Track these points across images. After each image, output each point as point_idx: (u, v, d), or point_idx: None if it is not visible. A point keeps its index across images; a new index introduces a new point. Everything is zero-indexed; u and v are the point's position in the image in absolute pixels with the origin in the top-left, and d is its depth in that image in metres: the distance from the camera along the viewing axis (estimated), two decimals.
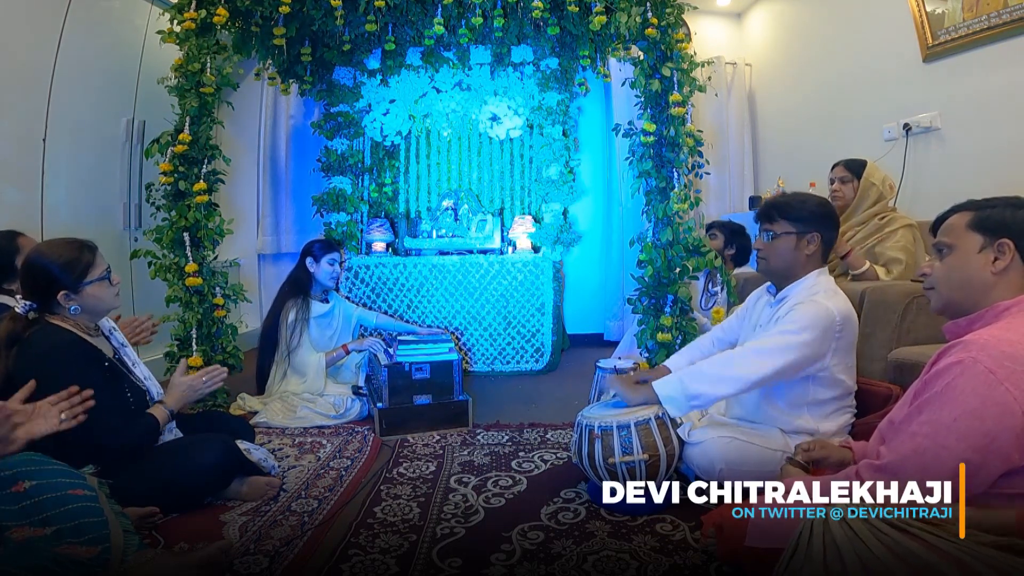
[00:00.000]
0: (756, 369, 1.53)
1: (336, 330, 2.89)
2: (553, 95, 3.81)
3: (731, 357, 1.60)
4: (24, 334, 1.50)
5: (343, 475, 1.94)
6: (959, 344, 1.00)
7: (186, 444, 1.68)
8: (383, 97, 3.82)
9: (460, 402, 2.44)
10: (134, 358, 1.74)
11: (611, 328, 4.12)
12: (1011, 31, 2.44)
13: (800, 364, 1.54)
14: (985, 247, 1.08)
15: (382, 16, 3.02)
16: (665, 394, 1.61)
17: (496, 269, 3.47)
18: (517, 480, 1.86)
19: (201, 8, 2.54)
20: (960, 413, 0.95)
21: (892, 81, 3.06)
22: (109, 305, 1.62)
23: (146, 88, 3.12)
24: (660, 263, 2.59)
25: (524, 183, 3.94)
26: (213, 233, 2.56)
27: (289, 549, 1.44)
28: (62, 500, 1.15)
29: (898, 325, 2.08)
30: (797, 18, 3.95)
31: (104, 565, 1.12)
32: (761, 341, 1.58)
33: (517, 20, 3.16)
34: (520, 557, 1.40)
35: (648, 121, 2.65)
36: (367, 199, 3.88)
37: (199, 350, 2.51)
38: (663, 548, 1.41)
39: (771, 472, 1.47)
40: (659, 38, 2.62)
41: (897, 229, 2.35)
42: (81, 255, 1.55)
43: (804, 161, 3.71)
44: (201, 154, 2.55)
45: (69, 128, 2.76)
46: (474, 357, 3.46)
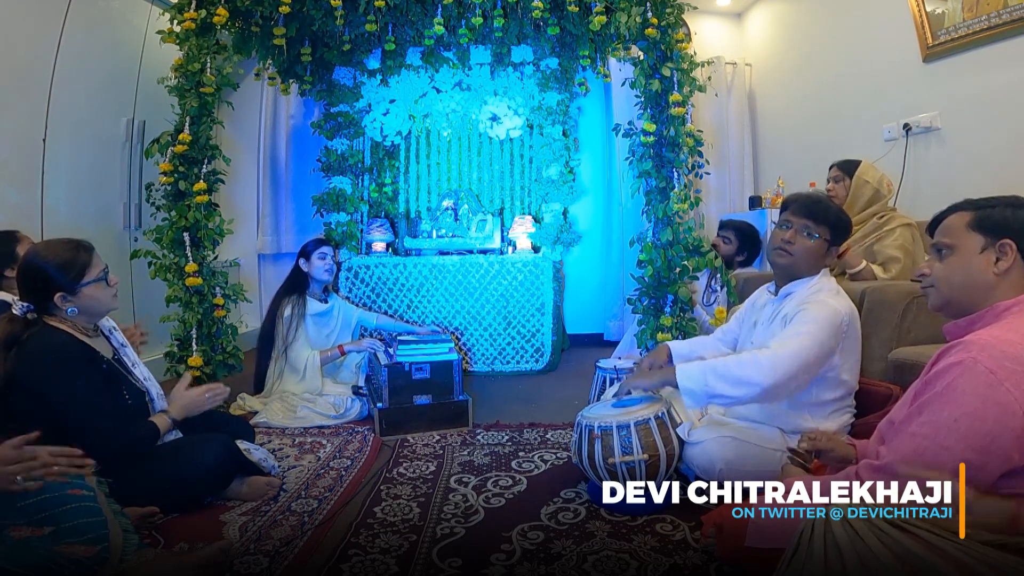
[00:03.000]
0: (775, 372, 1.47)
1: (334, 330, 2.89)
2: (553, 95, 3.81)
3: (753, 358, 1.52)
4: (22, 336, 1.49)
5: (343, 475, 1.93)
6: (960, 344, 1.00)
7: (186, 444, 1.67)
8: (383, 97, 3.82)
9: (460, 402, 2.44)
10: (134, 358, 1.73)
11: (611, 328, 4.12)
12: (1011, 31, 2.44)
13: (815, 365, 1.52)
14: (987, 248, 1.07)
15: (382, 16, 3.01)
16: (686, 386, 1.54)
17: (496, 269, 3.47)
18: (517, 480, 1.86)
19: (201, 8, 2.54)
20: (960, 414, 0.95)
21: (892, 81, 3.06)
22: (107, 306, 1.62)
23: (146, 88, 3.12)
24: (660, 263, 2.59)
25: (524, 183, 3.94)
26: (213, 233, 2.55)
27: (289, 549, 1.44)
28: (61, 500, 1.15)
29: (898, 325, 2.07)
30: (797, 18, 3.95)
31: (103, 564, 1.12)
32: (777, 344, 1.53)
33: (517, 20, 3.16)
34: (520, 557, 1.40)
35: (648, 121, 2.65)
36: (367, 199, 3.88)
37: (199, 350, 2.51)
38: (663, 548, 1.41)
39: (771, 472, 1.47)
40: (659, 38, 2.62)
41: (895, 228, 2.35)
42: (77, 256, 1.54)
43: (804, 161, 3.71)
44: (201, 154, 2.55)
45: (69, 128, 2.76)
46: (474, 357, 3.46)
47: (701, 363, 1.59)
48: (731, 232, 2.99)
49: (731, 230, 3.01)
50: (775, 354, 1.51)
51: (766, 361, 1.50)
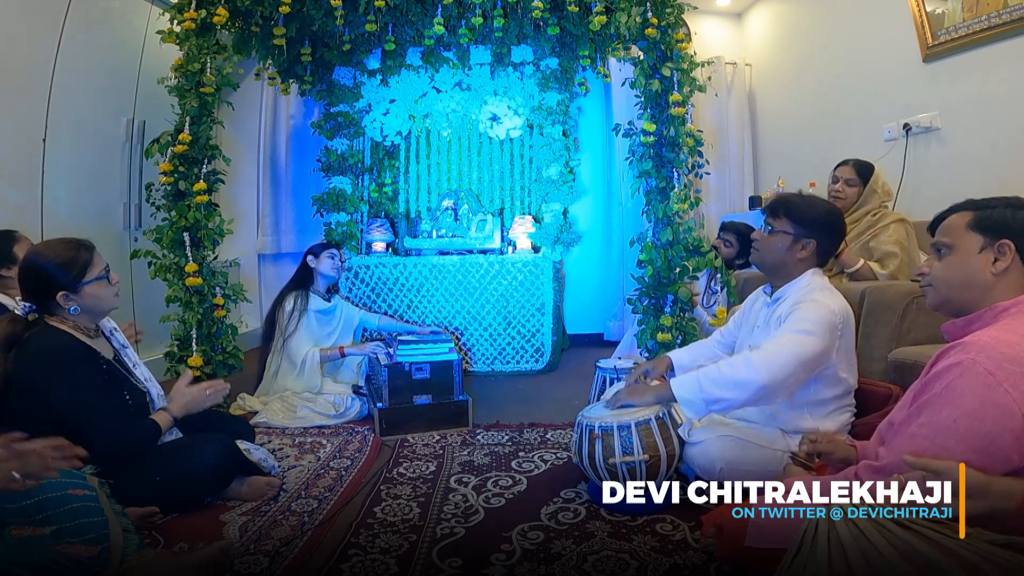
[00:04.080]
0: (772, 372, 1.48)
1: (336, 328, 2.89)
2: (553, 95, 3.81)
3: (747, 359, 1.54)
4: (23, 336, 1.49)
5: (343, 475, 1.94)
6: (959, 345, 1.00)
7: (186, 444, 1.67)
8: (383, 97, 3.82)
9: (460, 402, 2.44)
10: (135, 359, 1.73)
11: (611, 328, 4.12)
12: (1011, 31, 2.44)
13: (812, 364, 1.52)
14: (985, 248, 1.08)
15: (382, 16, 3.01)
16: (683, 396, 1.55)
17: (496, 269, 3.47)
18: (517, 480, 1.86)
19: (201, 8, 2.54)
20: (960, 415, 0.95)
21: (892, 81, 3.06)
22: (109, 305, 1.62)
23: (146, 88, 3.11)
24: (660, 263, 2.59)
25: (524, 183, 3.94)
26: (213, 233, 2.55)
27: (289, 549, 1.44)
28: (62, 499, 1.15)
29: (898, 325, 2.07)
30: (797, 18, 3.95)
31: (104, 564, 1.12)
32: (773, 343, 1.54)
33: (517, 20, 3.16)
34: (520, 557, 1.40)
35: (648, 121, 2.65)
36: (367, 199, 3.88)
37: (199, 350, 2.51)
38: (663, 548, 1.41)
39: (771, 472, 1.47)
40: (659, 38, 2.62)
41: (889, 224, 2.35)
42: (79, 254, 1.54)
43: (804, 161, 3.71)
44: (201, 154, 2.55)
45: (69, 128, 2.76)
46: (474, 357, 3.46)
47: (695, 372, 1.61)
48: (732, 235, 2.98)
49: (732, 232, 2.99)
50: (769, 353, 1.52)
51: (760, 361, 1.51)
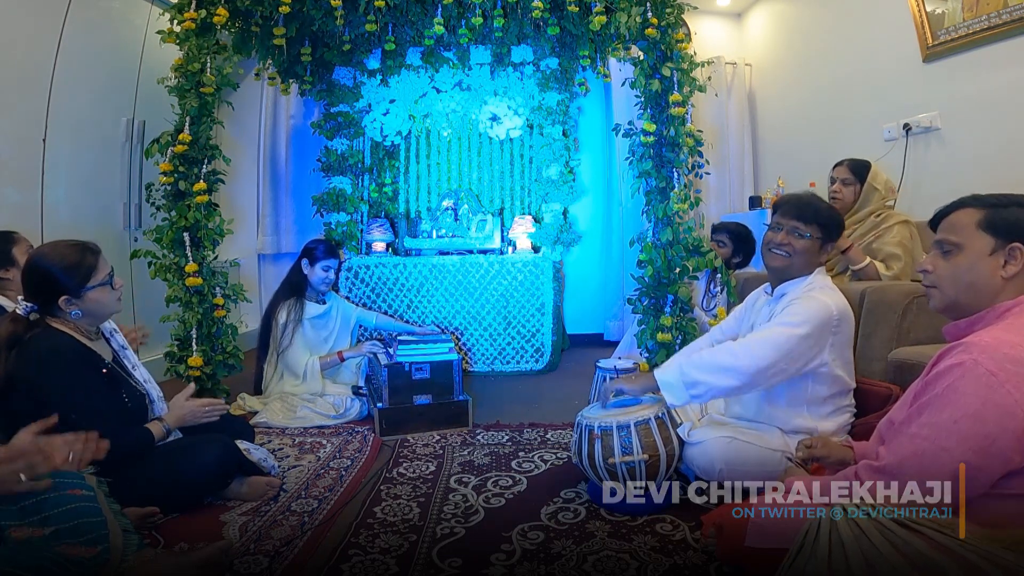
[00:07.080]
0: (754, 360, 1.52)
1: (333, 331, 2.88)
2: (553, 95, 3.81)
3: (730, 347, 1.59)
4: (24, 336, 1.49)
5: (343, 475, 1.93)
6: (960, 346, 1.00)
7: (186, 444, 1.67)
8: (383, 97, 3.82)
9: (460, 402, 2.44)
10: (134, 361, 1.73)
11: (611, 328, 4.12)
12: (1011, 31, 2.44)
13: (799, 357, 1.53)
14: (996, 250, 1.04)
15: (382, 16, 3.02)
16: (664, 379, 1.59)
17: (496, 269, 3.47)
18: (517, 480, 1.86)
19: (201, 8, 2.54)
20: (961, 415, 0.95)
21: (892, 81, 3.06)
22: (111, 309, 1.62)
23: (146, 88, 3.11)
24: (660, 263, 2.59)
25: (524, 183, 3.94)
26: (213, 233, 2.55)
27: (289, 549, 1.44)
28: (61, 500, 1.15)
29: (898, 325, 2.08)
30: (797, 18, 3.95)
31: (103, 565, 1.12)
32: (759, 333, 1.59)
33: (517, 20, 3.16)
34: (520, 557, 1.40)
35: (648, 121, 2.65)
36: (367, 199, 3.88)
37: (199, 350, 2.51)
38: (663, 548, 1.41)
39: (771, 472, 1.47)
40: (659, 38, 2.62)
41: (893, 225, 2.35)
42: (84, 258, 1.54)
43: (804, 161, 3.71)
44: (201, 154, 2.55)
45: (69, 128, 2.76)
46: (474, 357, 3.46)
47: (676, 357, 1.66)
48: (725, 235, 2.96)
49: (724, 233, 2.97)
50: (753, 342, 1.55)
51: (743, 349, 1.55)
